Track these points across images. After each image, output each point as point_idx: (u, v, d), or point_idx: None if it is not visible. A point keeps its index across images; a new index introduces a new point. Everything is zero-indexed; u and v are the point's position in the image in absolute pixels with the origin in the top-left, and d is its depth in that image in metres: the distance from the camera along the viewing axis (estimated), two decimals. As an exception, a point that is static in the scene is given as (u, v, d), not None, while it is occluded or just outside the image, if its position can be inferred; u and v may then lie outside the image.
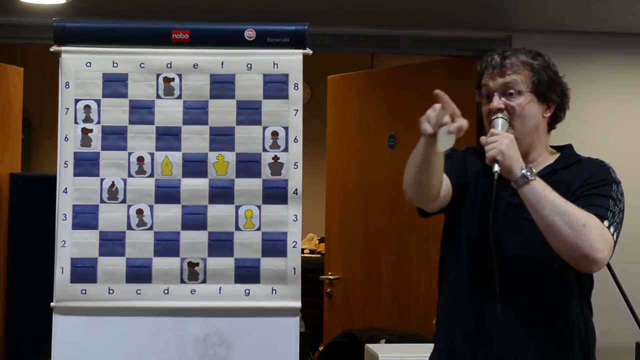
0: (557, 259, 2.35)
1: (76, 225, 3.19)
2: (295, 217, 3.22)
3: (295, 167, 3.23)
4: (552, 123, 2.53)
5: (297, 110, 3.24)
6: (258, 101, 3.24)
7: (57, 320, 3.18)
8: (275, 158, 3.23)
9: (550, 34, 4.87)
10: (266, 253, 3.21)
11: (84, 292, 3.17)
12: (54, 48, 3.25)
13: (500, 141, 2.33)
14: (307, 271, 3.50)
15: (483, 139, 2.38)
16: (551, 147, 2.56)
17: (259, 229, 3.21)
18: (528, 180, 2.30)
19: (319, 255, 7.03)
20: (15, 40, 4.91)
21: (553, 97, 2.48)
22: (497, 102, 2.42)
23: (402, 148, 5.13)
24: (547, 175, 2.39)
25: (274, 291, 3.20)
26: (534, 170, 2.34)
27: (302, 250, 3.59)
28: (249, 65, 3.24)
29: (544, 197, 2.28)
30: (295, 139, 3.23)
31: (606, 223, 2.35)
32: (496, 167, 2.34)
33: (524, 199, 2.32)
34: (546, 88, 2.46)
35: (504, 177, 2.35)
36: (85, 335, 3.17)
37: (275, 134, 3.23)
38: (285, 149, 3.23)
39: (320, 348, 5.53)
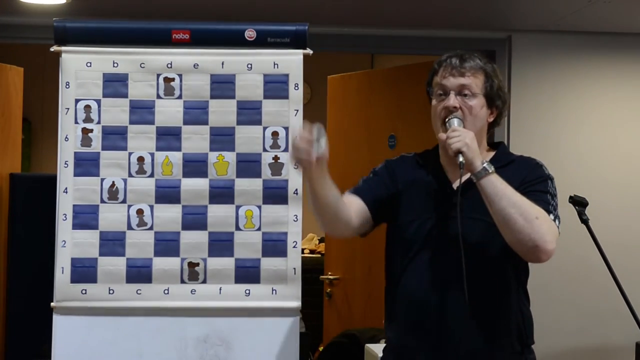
0: (495, 254, 2.50)
1: (76, 225, 3.19)
2: (296, 217, 3.22)
3: (296, 167, 3.23)
4: (490, 127, 2.67)
5: (297, 110, 3.24)
6: (258, 101, 3.24)
7: (57, 320, 3.19)
8: (276, 158, 3.23)
9: (550, 34, 4.87)
10: (266, 253, 3.21)
11: (84, 292, 3.18)
12: (54, 48, 3.25)
13: (464, 135, 2.46)
14: (307, 271, 3.50)
15: (442, 135, 2.52)
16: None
17: (259, 229, 3.21)
18: (488, 173, 2.43)
19: (319, 255, 7.03)
20: (15, 40, 4.91)
21: (498, 103, 2.64)
22: (454, 100, 2.56)
23: (402, 148, 5.12)
24: None
25: (274, 291, 3.20)
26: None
27: (302, 250, 3.59)
28: (249, 65, 3.25)
29: (502, 190, 2.41)
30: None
31: (552, 216, 2.49)
32: (460, 158, 2.44)
33: (482, 191, 2.44)
34: (495, 94, 2.61)
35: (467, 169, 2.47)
36: (85, 335, 3.17)
37: (275, 134, 3.23)
38: (286, 149, 3.23)
39: (320, 348, 5.53)
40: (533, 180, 2.55)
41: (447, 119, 2.54)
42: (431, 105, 2.65)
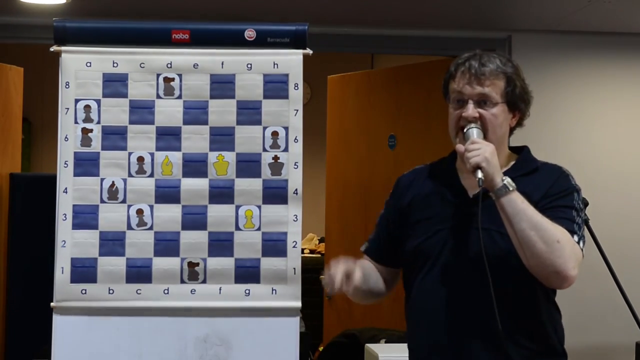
0: (520, 269, 2.32)
1: (76, 225, 3.18)
2: (295, 217, 3.22)
3: (296, 167, 3.23)
4: (513, 129, 2.51)
5: (297, 110, 3.24)
6: (258, 101, 3.24)
7: (57, 320, 3.18)
8: (276, 158, 3.23)
9: (550, 34, 4.88)
10: (266, 253, 3.20)
11: (84, 292, 3.17)
12: (54, 48, 3.24)
13: (484, 149, 2.30)
14: (307, 271, 3.50)
15: (460, 147, 2.36)
16: (509, 148, 2.55)
17: (259, 229, 3.21)
18: (508, 192, 2.27)
19: (319, 255, 7.04)
20: (15, 40, 4.92)
21: (521, 106, 2.48)
22: (472, 111, 2.38)
23: (402, 148, 5.13)
24: None
25: (274, 291, 3.20)
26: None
27: (302, 250, 3.59)
28: (249, 65, 3.24)
29: (522, 210, 2.26)
30: (296, 139, 3.23)
31: (576, 238, 2.33)
32: (479, 174, 2.28)
33: (501, 210, 2.28)
34: (517, 98, 2.45)
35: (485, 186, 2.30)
36: (85, 335, 3.17)
37: (275, 134, 3.23)
38: (286, 149, 3.23)
39: (320, 348, 5.54)
40: (558, 194, 2.37)
41: (465, 129, 2.37)
42: (448, 108, 2.48)
